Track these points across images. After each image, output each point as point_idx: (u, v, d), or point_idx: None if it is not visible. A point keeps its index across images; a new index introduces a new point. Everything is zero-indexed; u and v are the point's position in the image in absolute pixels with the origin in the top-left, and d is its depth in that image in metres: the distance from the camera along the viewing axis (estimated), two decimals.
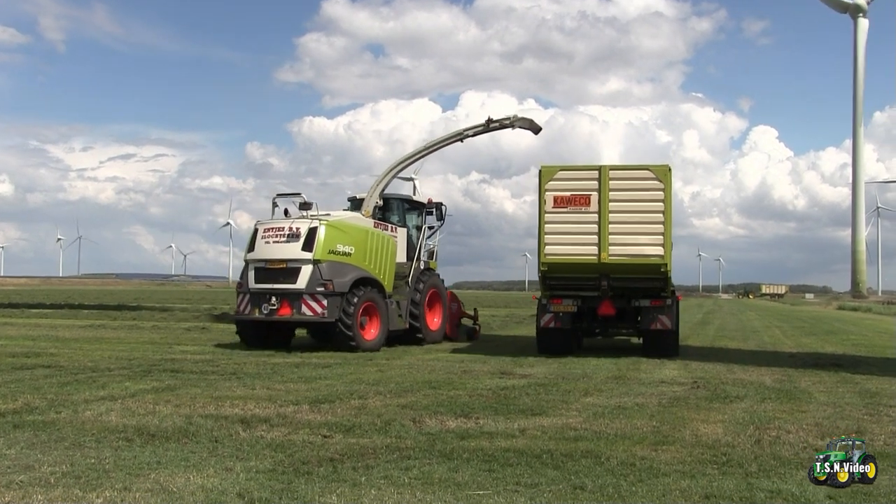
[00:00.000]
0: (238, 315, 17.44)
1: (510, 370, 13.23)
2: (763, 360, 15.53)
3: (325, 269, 16.70)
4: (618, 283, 16.21)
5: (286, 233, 16.99)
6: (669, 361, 15.07)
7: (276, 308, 16.66)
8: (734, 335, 24.40)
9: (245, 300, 17.17)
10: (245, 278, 17.32)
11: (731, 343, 20.90)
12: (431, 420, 8.33)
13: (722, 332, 25.84)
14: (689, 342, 20.91)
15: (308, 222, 16.99)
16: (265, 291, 16.82)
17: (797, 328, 29.55)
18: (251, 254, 17.27)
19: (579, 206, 15.83)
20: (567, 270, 16.08)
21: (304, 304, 16.55)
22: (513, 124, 20.68)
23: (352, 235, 17.56)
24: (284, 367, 13.25)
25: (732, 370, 13.65)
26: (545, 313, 16.68)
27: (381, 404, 9.32)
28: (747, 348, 19.35)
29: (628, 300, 16.47)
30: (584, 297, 16.57)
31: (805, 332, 26.47)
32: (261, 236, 17.18)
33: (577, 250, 15.85)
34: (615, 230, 15.70)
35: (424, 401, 9.61)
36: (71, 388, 10.24)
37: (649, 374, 12.92)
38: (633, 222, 15.70)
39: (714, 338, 23.04)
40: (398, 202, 20.25)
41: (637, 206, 15.69)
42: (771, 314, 47.42)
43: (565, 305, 16.52)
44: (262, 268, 17.00)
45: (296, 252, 16.73)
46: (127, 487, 5.63)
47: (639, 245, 15.69)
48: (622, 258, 15.73)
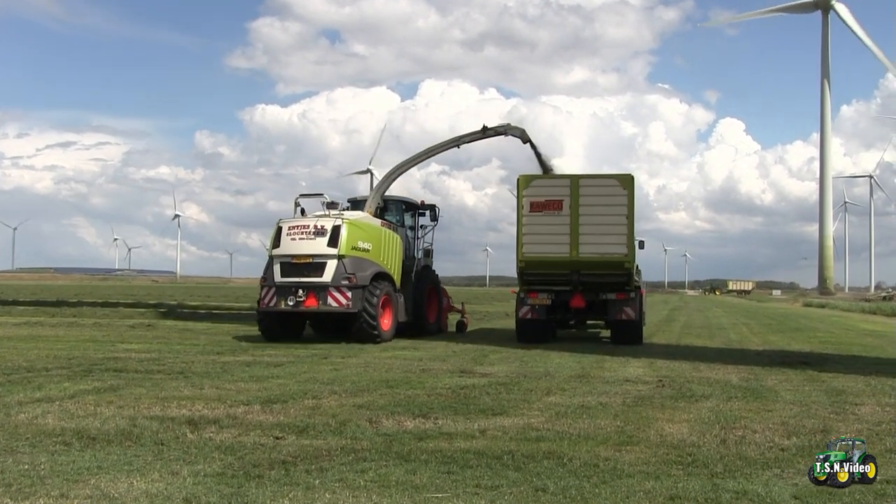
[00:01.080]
0: (264, 307, 19.23)
1: (470, 369, 13.28)
2: (729, 358, 15.77)
3: (348, 263, 18.97)
4: (587, 279, 19.26)
5: (311, 230, 19.17)
6: (634, 360, 15.26)
7: (302, 300, 18.80)
8: (700, 332, 24.76)
9: (271, 293, 19.15)
10: (270, 273, 19.26)
11: (698, 341, 21.22)
12: (388, 420, 8.33)
13: (688, 330, 26.20)
14: (655, 339, 21.22)
15: (332, 220, 19.27)
16: (291, 285, 18.93)
17: (764, 325, 30.08)
18: (277, 250, 19.27)
19: (553, 211, 19.02)
20: (542, 267, 19.20)
21: (330, 295, 18.76)
22: (506, 132, 23.59)
23: (369, 233, 20.09)
24: (235, 366, 13.14)
25: (698, 368, 13.85)
26: (523, 306, 19.68)
27: (335, 404, 9.29)
28: (714, 346, 19.65)
29: (597, 293, 19.43)
30: (557, 291, 19.52)
31: (772, 330, 26.96)
32: (286, 233, 19.29)
33: (552, 249, 19.00)
34: (585, 231, 18.87)
35: (381, 400, 9.61)
36: (3, 390, 9.98)
37: (613, 373, 13.05)
38: (600, 224, 18.86)
39: (680, 335, 23.36)
40: (396, 203, 22.47)
41: (604, 210, 18.83)
42: (738, 311, 48.22)
43: (541, 299, 19.49)
44: (289, 262, 19.06)
45: (321, 248, 18.98)
46: (64, 494, 5.52)
47: (606, 244, 18.80)
48: (591, 256, 18.87)
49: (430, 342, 19.24)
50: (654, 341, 20.64)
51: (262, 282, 19.77)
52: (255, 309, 20.35)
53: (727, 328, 27.70)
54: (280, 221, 19.77)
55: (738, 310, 51.04)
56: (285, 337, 19.35)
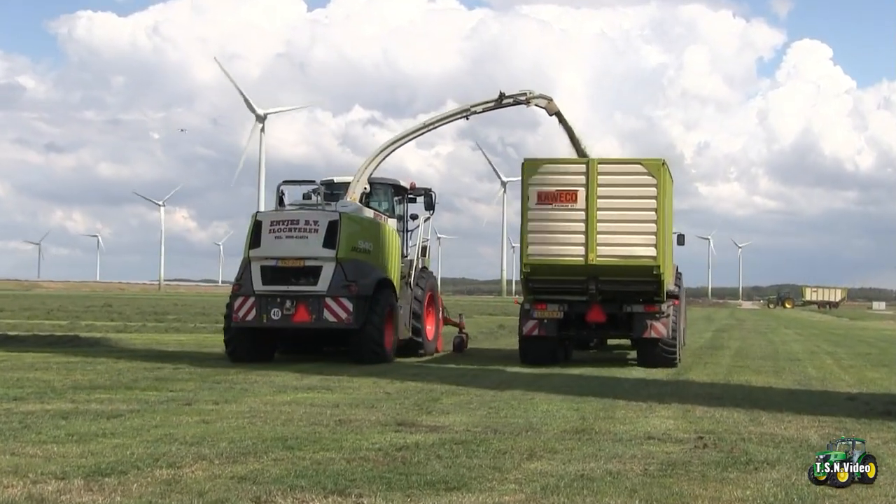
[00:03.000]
0: (239, 322, 22.45)
1: (413, 419, 13.37)
2: (806, 405, 15.98)
3: (348, 268, 22.16)
4: (607, 287, 22.40)
5: (302, 226, 22.25)
6: (661, 406, 15.46)
7: (291, 313, 21.99)
8: (762, 365, 25.11)
9: (248, 305, 22.31)
10: (247, 279, 22.45)
11: (757, 377, 21.52)
12: (285, 500, 8.35)
13: (742, 361, 26.58)
14: (692, 375, 21.64)
15: (327, 214, 22.53)
16: (277, 294, 22.18)
17: (860, 355, 30.43)
18: (257, 250, 22.47)
19: (565, 203, 21.99)
20: (552, 273, 22.46)
21: (327, 308, 21.91)
22: (528, 101, 27.44)
23: (369, 230, 23.63)
24: (44, 419, 12.99)
25: (758, 420, 14.04)
26: (528, 320, 23.06)
27: (204, 475, 9.27)
28: (782, 385, 19.92)
29: (619, 305, 22.72)
30: (570, 301, 22.81)
31: (872, 363, 27.27)
32: (268, 230, 22.38)
33: (563, 251, 22.16)
34: (604, 229, 21.86)
35: (275, 469, 9.62)
36: None
37: (630, 426, 13.18)
38: (623, 221, 22.00)
39: (730, 369, 23.71)
40: (385, 187, 26.39)
41: (627, 204, 22.05)
42: (819, 333, 48.89)
43: (550, 311, 22.80)
44: (273, 266, 22.24)
45: (316, 249, 22.12)
46: None
47: (629, 245, 21.98)
48: (611, 259, 21.99)
49: (355, 377, 19.28)
50: (692, 377, 20.93)
51: (234, 290, 22.81)
52: (225, 324, 23.43)
53: (803, 359, 28.06)
54: (258, 215, 22.93)
55: (820, 331, 51.78)
56: (259, 358, 22.76)
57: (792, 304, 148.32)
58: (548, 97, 28.03)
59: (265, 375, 19.33)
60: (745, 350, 31.90)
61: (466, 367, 22.56)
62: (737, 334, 43.91)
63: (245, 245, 22.84)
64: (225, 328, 23.27)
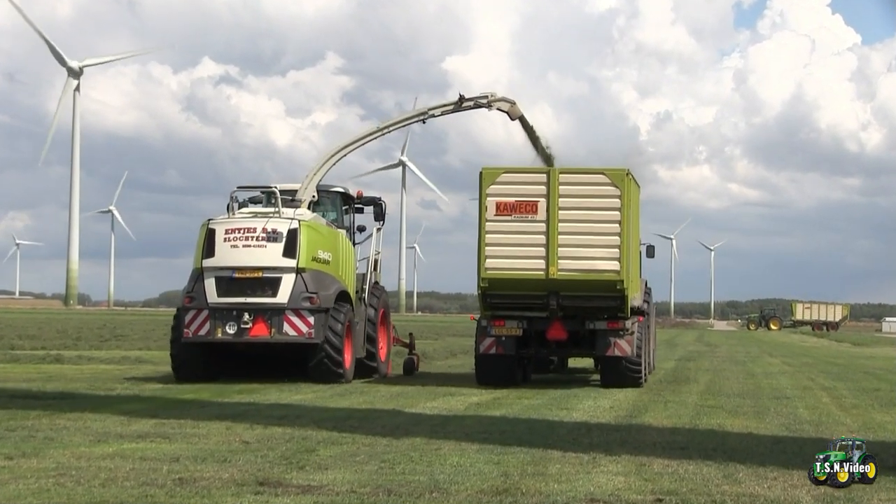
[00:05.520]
0: (190, 338, 27.04)
1: (279, 477, 13.40)
2: (796, 457, 16.00)
3: (309, 279, 27.00)
4: (569, 303, 27.32)
5: (259, 234, 26.90)
6: (608, 457, 15.60)
7: (248, 327, 26.60)
8: (739, 405, 25.40)
9: (201, 319, 26.91)
10: (199, 291, 26.95)
11: (733, 421, 21.77)
12: None
13: (714, 398, 26.87)
14: (649, 417, 21.88)
15: (286, 222, 27.10)
16: (233, 307, 26.83)
17: (864, 392, 30.76)
18: (210, 260, 27.09)
19: (525, 214, 26.79)
20: (511, 287, 27.49)
21: (287, 321, 26.80)
22: (490, 104, 33.29)
23: (328, 239, 28.63)
24: None
25: (734, 476, 14.18)
26: (485, 337, 27.81)
27: None
28: (765, 431, 20.19)
29: (582, 322, 27.71)
30: (530, 318, 27.69)
31: (881, 402, 27.55)
32: (222, 238, 26.93)
33: (523, 264, 27.17)
34: (566, 242, 26.80)
35: None
36: None
37: (567, 484, 13.30)
38: (585, 233, 26.98)
39: (698, 409, 23.97)
40: (333, 196, 31.57)
41: (590, 215, 27.03)
42: (813, 363, 49.48)
43: (509, 328, 27.47)
44: (228, 277, 26.84)
45: (275, 258, 26.90)
46: None
47: (592, 259, 26.88)
48: (573, 273, 26.88)
49: (202, 421, 19.31)
50: (648, 420, 21.20)
51: (185, 302, 27.22)
52: (172, 338, 28.23)
53: (792, 396, 28.38)
54: (211, 222, 27.33)
55: (815, 360, 52.41)
56: (206, 376, 27.48)
57: (779, 324, 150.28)
58: (511, 100, 33.50)
59: (78, 419, 19.23)
60: (718, 385, 32.16)
61: (352, 408, 22.55)
62: (707, 364, 44.30)
63: (196, 254, 27.54)
64: (172, 343, 28.02)
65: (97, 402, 22.78)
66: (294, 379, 28.29)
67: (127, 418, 19.60)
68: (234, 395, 24.75)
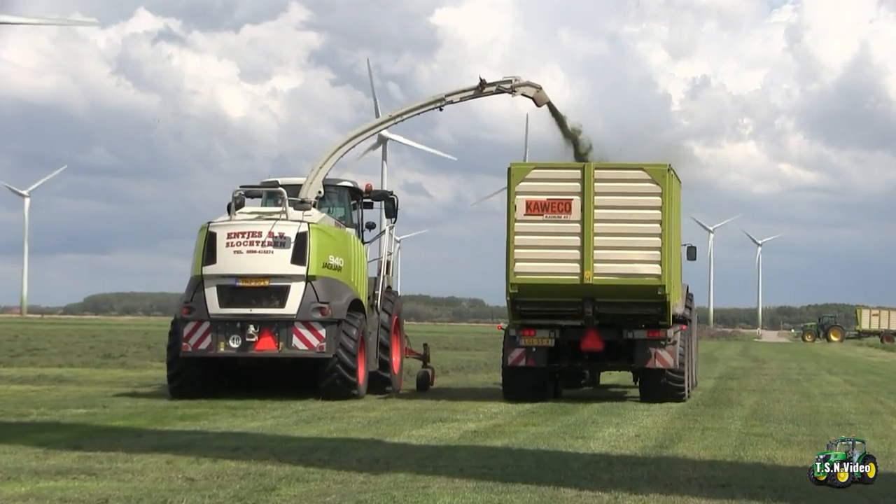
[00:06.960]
0: (190, 352, 28.75)
1: None
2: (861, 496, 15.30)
3: (320, 287, 28.82)
4: (605, 310, 29.43)
5: (265, 239, 28.61)
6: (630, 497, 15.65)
7: (253, 340, 28.33)
8: (792, 433, 25.35)
9: (202, 331, 28.57)
10: (199, 300, 28.70)
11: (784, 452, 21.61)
12: None
13: (762, 425, 26.97)
14: (682, 448, 21.89)
15: (294, 225, 28.93)
16: (237, 318, 28.55)
17: None
18: (211, 267, 28.88)
19: (558, 214, 28.74)
20: (542, 294, 29.48)
21: (297, 334, 28.49)
22: (514, 89, 35.77)
23: (339, 243, 30.65)
24: None
25: None
26: (514, 348, 29.97)
27: None
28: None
29: (619, 331, 29.78)
30: (563, 327, 29.85)
31: None
32: (225, 243, 28.68)
33: (555, 268, 29.15)
34: (602, 244, 28.78)
35: None
36: None
37: None
38: (623, 234, 28.83)
39: (742, 439, 23.93)
40: (340, 190, 33.85)
41: (629, 215, 28.98)
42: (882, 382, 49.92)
43: (539, 338, 29.58)
44: (232, 286, 28.61)
45: (283, 265, 28.76)
46: None
47: (631, 262, 28.73)
48: (610, 278, 28.83)
49: (136, 454, 19.42)
50: (681, 452, 21.22)
51: (184, 313, 28.89)
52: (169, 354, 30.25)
53: (856, 422, 28.38)
54: (211, 225, 29.22)
55: (884, 378, 52.75)
56: (206, 392, 29.11)
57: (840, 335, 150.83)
58: (536, 85, 36.09)
59: None
60: (767, 408, 32.22)
61: (321, 437, 22.49)
62: (753, 383, 44.68)
63: (195, 261, 29.37)
64: (169, 359, 29.91)
65: (7, 430, 22.76)
66: (303, 395, 29.63)
67: (43, 450, 19.50)
68: (176, 423, 24.86)
